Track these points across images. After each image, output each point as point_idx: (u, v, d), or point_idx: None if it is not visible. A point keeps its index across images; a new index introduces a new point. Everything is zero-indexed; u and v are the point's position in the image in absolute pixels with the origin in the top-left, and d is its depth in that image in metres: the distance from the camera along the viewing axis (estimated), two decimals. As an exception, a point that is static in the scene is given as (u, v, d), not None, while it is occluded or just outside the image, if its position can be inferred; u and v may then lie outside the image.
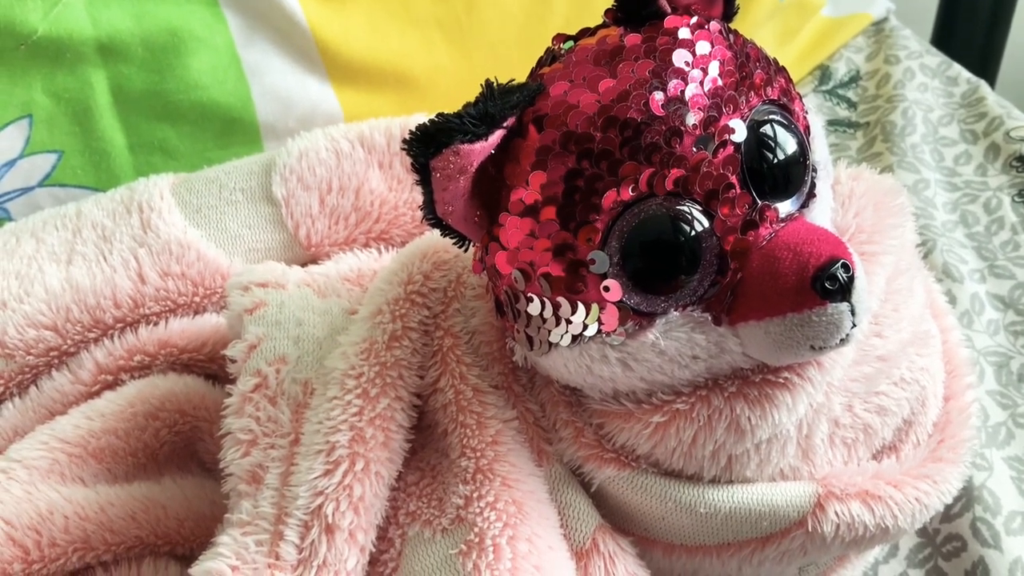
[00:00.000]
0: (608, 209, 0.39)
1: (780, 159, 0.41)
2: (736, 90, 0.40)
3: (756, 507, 0.44)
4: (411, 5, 0.69)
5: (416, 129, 0.37)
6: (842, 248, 0.39)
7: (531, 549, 0.42)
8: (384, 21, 0.68)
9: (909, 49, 0.91)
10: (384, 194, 0.59)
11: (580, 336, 0.41)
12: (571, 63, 0.42)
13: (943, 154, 0.83)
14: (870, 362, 0.46)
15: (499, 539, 0.42)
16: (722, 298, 0.40)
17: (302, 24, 0.65)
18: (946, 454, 0.49)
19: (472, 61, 0.71)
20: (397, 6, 0.68)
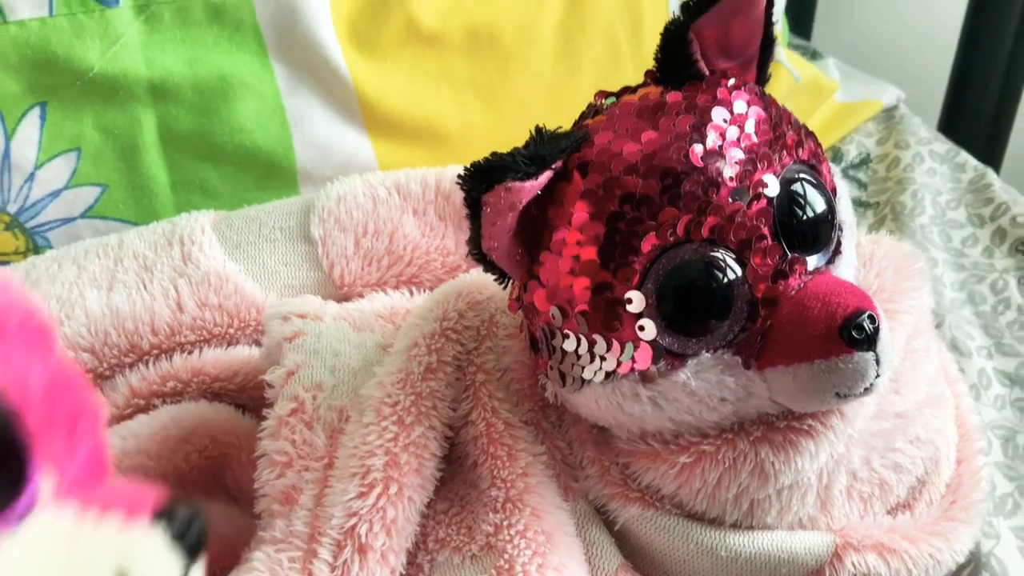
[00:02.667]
0: (647, 252, 0.41)
1: (809, 215, 0.43)
2: (770, 148, 0.43)
3: (776, 553, 0.45)
4: (448, 66, 0.72)
5: (471, 165, 0.39)
6: (868, 301, 0.41)
7: None
8: (422, 79, 0.71)
9: (919, 135, 0.94)
10: (417, 239, 0.61)
11: (613, 373, 0.42)
12: (615, 116, 0.44)
13: (951, 236, 0.85)
14: (888, 418, 0.47)
15: (528, 567, 0.42)
16: (752, 343, 0.42)
17: (345, 78, 0.68)
18: (958, 514, 0.50)
19: (503, 120, 0.74)
20: (435, 66, 0.72)
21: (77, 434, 0.35)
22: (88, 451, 0.36)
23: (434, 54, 0.71)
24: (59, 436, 0.34)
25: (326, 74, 0.67)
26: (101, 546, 0.31)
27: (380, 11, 0.69)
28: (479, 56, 0.72)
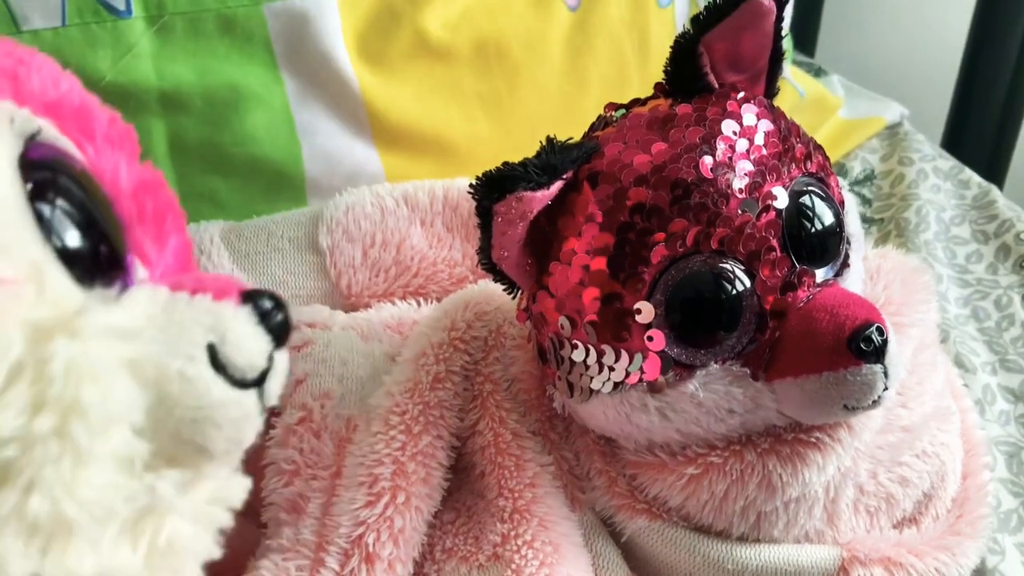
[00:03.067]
0: (656, 263, 0.41)
1: (818, 228, 0.43)
2: (779, 160, 0.43)
3: (782, 566, 0.45)
4: (456, 80, 0.72)
5: (483, 174, 0.40)
6: (876, 313, 0.41)
7: None
8: (430, 92, 0.71)
9: (922, 152, 0.95)
10: (424, 250, 0.62)
11: (622, 384, 0.42)
12: (625, 128, 0.45)
13: (955, 252, 0.86)
14: (895, 432, 0.47)
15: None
16: (760, 354, 0.42)
17: (355, 90, 0.68)
18: (964, 528, 0.50)
19: (510, 134, 0.74)
20: (443, 80, 0.72)
21: (165, 229, 0.38)
22: (175, 248, 0.38)
23: (442, 67, 0.71)
24: (149, 229, 0.37)
25: (335, 86, 0.68)
26: (195, 316, 0.33)
27: (390, 24, 0.69)
28: (487, 70, 0.73)
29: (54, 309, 0.29)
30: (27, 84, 0.35)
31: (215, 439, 0.33)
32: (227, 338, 0.33)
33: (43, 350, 0.28)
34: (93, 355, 0.29)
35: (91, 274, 0.32)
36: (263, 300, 0.35)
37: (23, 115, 0.33)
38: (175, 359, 0.32)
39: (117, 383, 0.30)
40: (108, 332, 0.30)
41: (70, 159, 0.35)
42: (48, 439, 0.27)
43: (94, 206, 0.34)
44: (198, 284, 0.34)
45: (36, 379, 0.28)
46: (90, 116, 0.37)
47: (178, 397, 0.32)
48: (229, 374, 0.33)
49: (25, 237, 0.30)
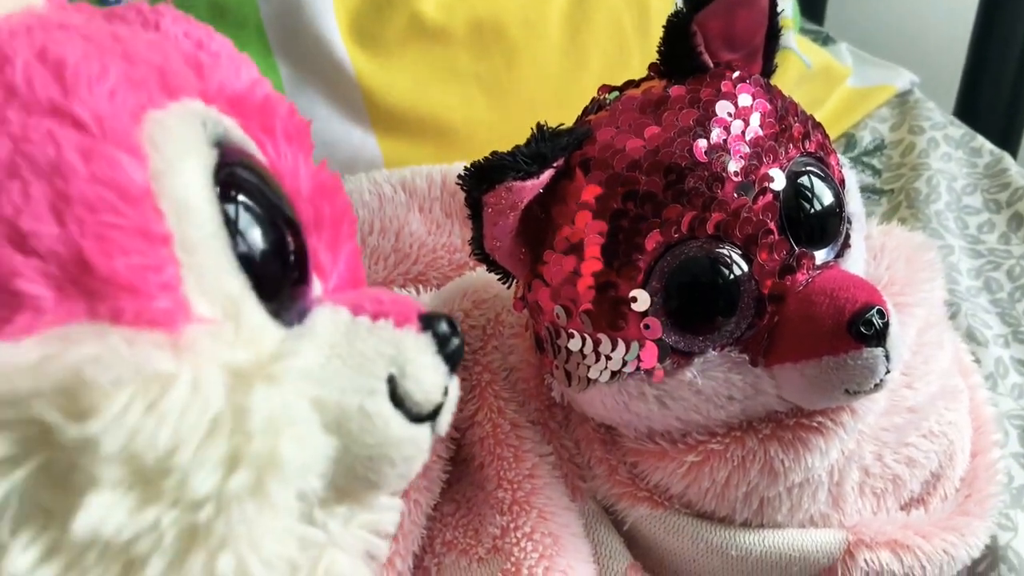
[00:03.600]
0: (651, 250, 0.40)
1: (817, 209, 0.43)
2: (776, 141, 0.42)
3: (787, 552, 0.45)
4: (453, 61, 0.71)
5: (472, 165, 0.39)
6: (877, 295, 0.40)
7: None
8: (427, 75, 0.70)
9: (933, 120, 0.93)
10: (423, 237, 0.61)
11: (619, 373, 0.42)
12: (617, 111, 0.44)
13: (967, 222, 0.84)
14: (900, 413, 0.47)
15: (535, 569, 0.42)
16: (759, 340, 0.41)
17: (350, 75, 0.67)
18: (973, 508, 0.49)
19: (509, 115, 0.73)
20: (440, 61, 0.71)
21: (341, 236, 0.35)
22: (348, 256, 0.36)
23: (439, 49, 0.70)
24: (325, 236, 0.34)
25: (330, 71, 0.67)
26: (377, 345, 0.31)
27: (384, 6, 0.68)
28: (484, 50, 0.72)
29: (251, 349, 0.27)
30: (212, 75, 0.31)
31: (388, 476, 0.31)
32: (407, 371, 0.31)
33: (242, 399, 0.26)
34: (291, 405, 0.27)
35: (280, 295, 0.30)
36: (441, 325, 0.33)
37: (212, 116, 0.30)
38: (357, 394, 0.30)
39: (312, 431, 0.28)
40: (303, 375, 0.28)
41: (256, 163, 0.31)
42: (243, 498, 0.25)
43: (284, 217, 0.31)
44: (378, 306, 0.32)
45: (234, 433, 0.25)
46: (272, 110, 0.34)
47: (356, 434, 0.30)
48: (407, 408, 0.31)
49: (224, 267, 0.27)
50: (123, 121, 0.26)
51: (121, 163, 0.25)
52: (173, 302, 0.25)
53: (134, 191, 0.25)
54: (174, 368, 0.24)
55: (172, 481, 0.24)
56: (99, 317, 0.24)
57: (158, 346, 0.24)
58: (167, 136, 0.27)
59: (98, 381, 0.23)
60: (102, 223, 0.24)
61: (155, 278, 0.25)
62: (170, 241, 0.26)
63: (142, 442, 0.23)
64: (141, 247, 0.25)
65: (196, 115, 0.29)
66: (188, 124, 0.28)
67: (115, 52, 0.27)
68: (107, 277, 0.24)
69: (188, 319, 0.26)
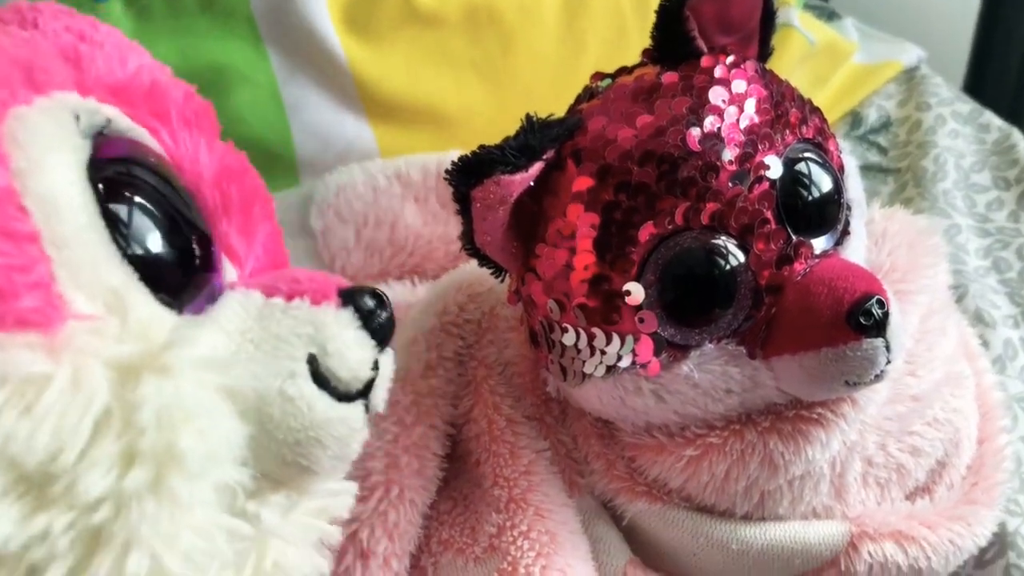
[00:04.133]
0: (644, 242, 0.39)
1: (815, 196, 0.42)
2: (772, 128, 0.41)
3: (789, 545, 0.44)
4: (447, 46, 0.70)
5: (458, 159, 0.38)
6: (877, 284, 0.39)
7: None
8: (421, 61, 0.69)
9: (940, 96, 0.91)
10: (419, 228, 0.60)
11: (614, 367, 0.41)
12: (609, 100, 0.43)
13: (975, 200, 0.83)
14: (904, 401, 0.46)
15: (532, 568, 0.42)
16: (757, 332, 0.40)
17: (342, 63, 0.66)
18: (980, 496, 0.48)
19: (505, 101, 0.72)
20: (434, 47, 0.70)
21: (253, 219, 0.34)
22: (265, 238, 0.35)
23: (433, 34, 0.69)
24: (235, 220, 0.33)
25: (322, 60, 0.66)
26: (293, 326, 0.30)
27: (375, -8, 0.67)
28: (479, 35, 0.70)
29: (140, 342, 0.26)
30: (91, 66, 0.30)
31: (320, 459, 0.30)
32: (329, 348, 0.30)
33: (131, 394, 0.25)
34: (187, 394, 0.26)
35: (177, 286, 0.29)
36: (364, 298, 0.32)
37: (89, 107, 0.29)
38: (275, 378, 0.29)
39: (216, 421, 0.27)
40: (202, 363, 0.27)
41: (145, 151, 0.31)
42: (143, 495, 0.24)
43: (176, 204, 0.30)
44: (293, 285, 0.31)
45: (125, 429, 0.24)
46: (163, 96, 0.33)
47: (279, 419, 0.29)
48: (332, 387, 0.30)
49: (102, 259, 0.27)
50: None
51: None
52: (44, 300, 0.25)
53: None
54: (49, 368, 0.24)
55: (61, 485, 0.23)
56: None
57: (30, 347, 0.24)
58: (31, 132, 0.26)
59: None
60: None
61: (22, 278, 0.24)
62: (37, 238, 0.25)
63: (19, 448, 0.23)
64: (5, 248, 0.24)
65: (67, 108, 0.28)
66: (55, 118, 0.27)
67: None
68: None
69: (64, 316, 0.25)
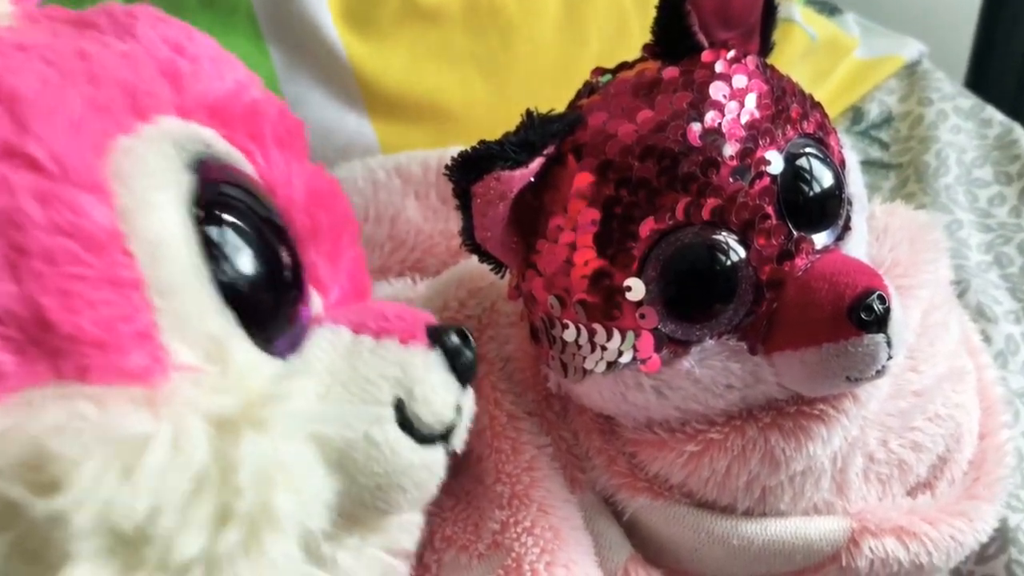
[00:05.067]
0: (645, 237, 0.39)
1: (816, 191, 0.41)
2: (773, 123, 0.41)
3: (790, 540, 0.44)
4: (448, 41, 0.70)
5: (458, 155, 0.38)
6: (878, 280, 0.39)
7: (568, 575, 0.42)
8: (422, 56, 0.69)
9: (942, 91, 0.91)
10: (419, 224, 0.60)
11: (615, 363, 0.41)
12: (610, 95, 0.43)
13: (977, 195, 0.83)
14: (905, 397, 0.46)
15: (536, 565, 0.41)
16: (758, 327, 0.40)
17: (343, 59, 0.66)
18: (981, 492, 0.48)
19: (507, 95, 0.72)
20: (435, 42, 0.70)
21: (341, 245, 0.33)
22: (350, 265, 0.34)
23: (433, 29, 0.69)
24: (323, 247, 0.32)
25: (323, 56, 0.66)
26: (382, 368, 0.29)
27: (376, -12, 0.67)
28: (480, 29, 0.70)
29: (239, 392, 0.25)
30: (190, 84, 0.29)
31: (400, 502, 0.30)
32: (415, 392, 0.29)
33: (229, 452, 0.24)
34: (284, 450, 0.25)
35: (270, 321, 0.27)
36: (450, 336, 0.31)
37: (190, 134, 0.27)
38: (361, 422, 0.28)
39: (310, 475, 0.26)
40: (298, 416, 0.26)
41: (242, 178, 0.29)
42: (235, 557, 0.23)
43: (273, 234, 0.28)
44: (382, 323, 0.30)
45: (222, 488, 0.23)
46: (260, 116, 0.31)
47: (363, 464, 0.28)
48: (415, 430, 0.29)
49: (205, 306, 0.25)
50: (85, 156, 0.24)
51: (83, 206, 0.23)
52: (148, 353, 0.23)
53: (99, 236, 0.23)
54: (151, 427, 0.23)
55: (156, 547, 0.22)
56: (65, 377, 0.22)
57: (133, 403, 0.23)
58: (136, 167, 0.25)
59: (64, 452, 0.21)
60: (63, 275, 0.22)
61: (126, 328, 0.23)
62: (142, 286, 0.24)
63: (118, 512, 0.22)
64: (109, 297, 0.23)
65: (170, 137, 0.27)
66: (161, 149, 0.26)
67: (79, 75, 0.25)
68: (71, 335, 0.22)
69: (166, 369, 0.24)
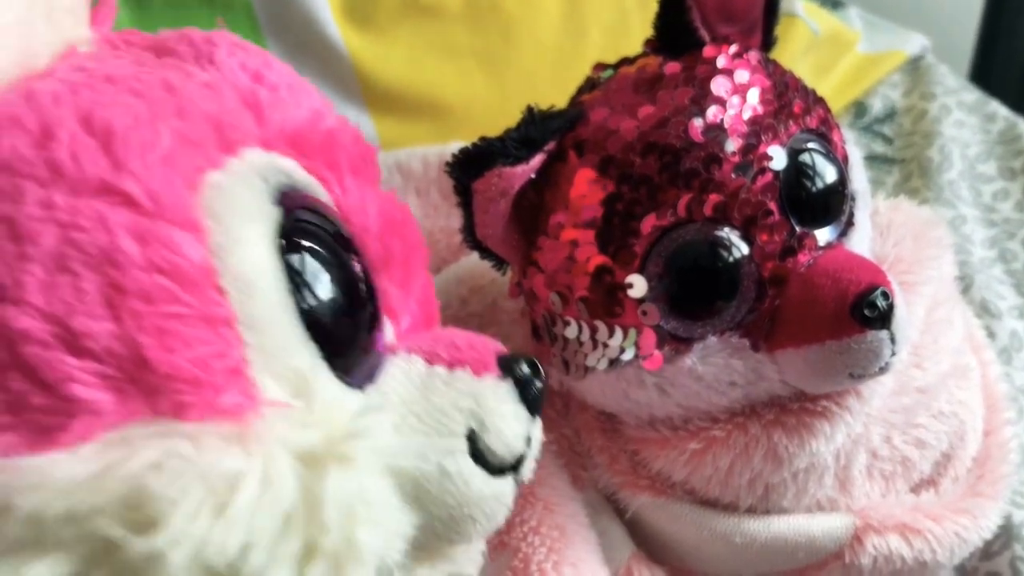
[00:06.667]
0: (647, 234, 0.39)
1: (819, 187, 0.41)
2: (775, 118, 0.41)
3: (793, 538, 0.44)
4: (449, 36, 0.70)
5: (459, 152, 0.38)
6: (881, 276, 0.39)
7: (575, 574, 0.42)
8: (422, 51, 0.69)
9: (945, 86, 0.91)
10: (420, 220, 0.59)
11: (617, 360, 0.41)
12: (611, 90, 0.42)
13: (981, 190, 0.82)
14: (909, 393, 0.45)
15: (544, 564, 0.41)
16: (760, 324, 0.40)
17: (343, 54, 0.66)
18: (985, 489, 0.48)
19: (507, 90, 0.71)
20: (435, 36, 0.69)
21: (412, 272, 0.33)
22: (420, 292, 0.33)
23: (433, 25, 0.69)
24: (395, 275, 0.32)
25: (322, 51, 0.66)
26: (455, 399, 0.29)
27: (375, -17, 0.67)
28: (481, 24, 0.70)
29: (324, 427, 0.25)
30: (271, 114, 0.28)
31: (470, 533, 0.30)
32: (487, 424, 0.29)
33: (315, 487, 0.24)
34: (368, 487, 0.25)
35: (348, 352, 0.28)
36: (522, 368, 0.31)
37: (274, 166, 0.27)
38: (435, 454, 0.28)
39: (390, 510, 0.26)
40: (378, 450, 0.26)
41: (321, 208, 0.28)
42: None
43: (352, 264, 0.28)
44: (454, 353, 0.30)
45: (308, 524, 0.23)
46: (337, 144, 0.31)
47: (436, 495, 0.28)
48: (487, 461, 0.29)
49: (292, 341, 0.25)
50: (179, 192, 0.23)
51: (179, 244, 0.23)
52: (240, 389, 0.23)
53: (193, 273, 0.23)
54: (243, 464, 0.23)
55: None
56: (161, 414, 0.22)
57: (225, 440, 0.23)
58: (227, 202, 0.25)
59: (163, 491, 0.21)
60: (160, 314, 0.22)
61: (220, 365, 0.23)
62: (234, 322, 0.24)
63: (212, 550, 0.22)
64: (203, 335, 0.23)
65: (256, 170, 0.26)
66: (248, 183, 0.26)
67: (168, 108, 0.25)
68: (168, 373, 0.22)
69: (256, 405, 0.24)
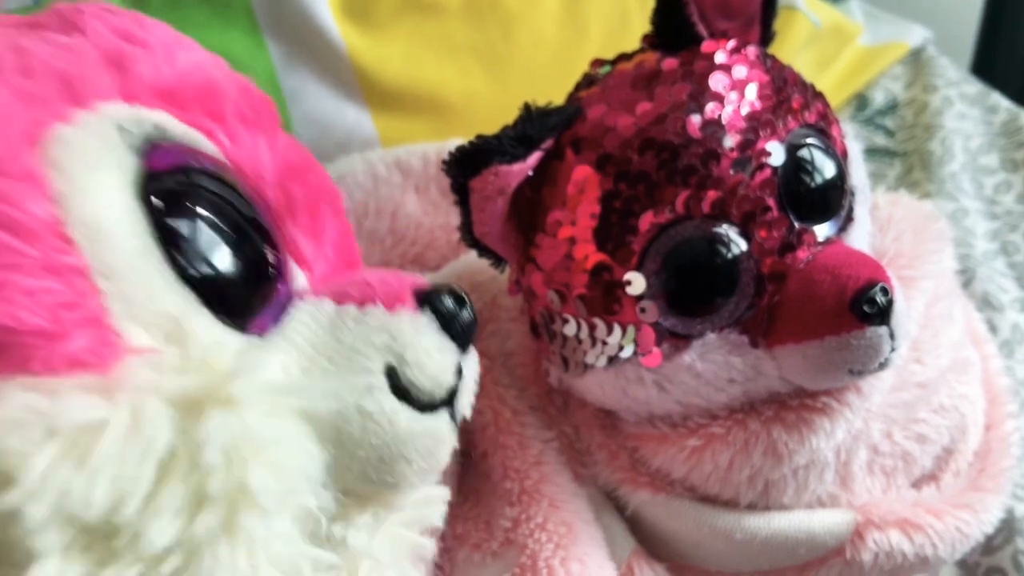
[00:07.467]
0: (645, 231, 0.39)
1: (818, 182, 0.41)
2: (774, 114, 0.40)
3: (793, 534, 0.44)
4: (448, 32, 0.69)
5: (456, 150, 0.38)
6: (881, 272, 0.39)
7: (583, 570, 0.42)
8: (421, 48, 0.69)
9: (947, 78, 0.90)
10: (420, 218, 0.60)
11: (616, 358, 0.41)
12: (608, 87, 0.42)
13: (983, 183, 0.82)
14: (909, 389, 0.45)
15: (552, 561, 0.41)
16: (759, 321, 0.40)
17: (342, 51, 0.66)
18: (987, 483, 0.48)
19: (507, 87, 0.71)
20: (434, 33, 0.69)
21: (320, 218, 0.32)
22: (334, 237, 0.33)
23: (433, 21, 0.68)
24: (302, 221, 0.31)
25: (322, 49, 0.65)
26: (367, 335, 0.28)
27: (374, -20, 0.66)
28: (480, 21, 0.70)
29: (202, 371, 0.24)
30: (137, 69, 0.28)
31: (407, 474, 0.29)
32: (407, 357, 0.28)
33: (195, 431, 0.23)
34: (255, 425, 0.24)
35: (242, 301, 0.27)
36: (443, 299, 0.30)
37: (135, 117, 0.27)
38: (350, 394, 0.27)
39: (290, 450, 0.25)
40: (272, 389, 0.25)
41: (201, 157, 0.28)
42: (215, 540, 0.23)
43: (240, 212, 0.28)
44: (365, 290, 0.30)
45: (191, 471, 0.23)
46: (217, 94, 0.30)
47: (359, 437, 0.27)
48: (414, 399, 0.28)
49: (158, 286, 0.25)
50: (14, 146, 0.23)
51: (12, 196, 0.22)
52: (97, 338, 0.23)
53: (32, 224, 0.23)
54: (105, 413, 0.22)
55: (125, 537, 0.22)
56: (9, 371, 0.22)
57: (85, 390, 0.22)
58: (73, 152, 0.24)
59: (12, 445, 0.21)
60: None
61: (72, 315, 0.23)
62: (87, 271, 0.23)
63: (76, 503, 0.21)
64: (48, 285, 0.22)
65: (111, 120, 0.26)
66: (98, 134, 0.26)
67: (10, 69, 0.25)
68: (11, 327, 0.22)
69: (119, 353, 0.23)
